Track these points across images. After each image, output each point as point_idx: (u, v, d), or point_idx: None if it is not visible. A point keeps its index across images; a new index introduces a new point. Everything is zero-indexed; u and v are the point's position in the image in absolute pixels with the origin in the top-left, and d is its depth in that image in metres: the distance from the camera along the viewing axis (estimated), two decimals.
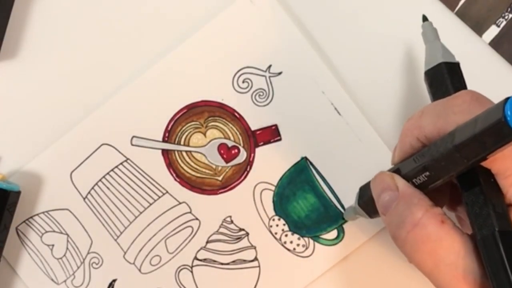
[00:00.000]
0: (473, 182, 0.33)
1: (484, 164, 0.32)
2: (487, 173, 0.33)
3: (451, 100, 0.35)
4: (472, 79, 0.47)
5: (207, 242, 0.47)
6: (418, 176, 0.35)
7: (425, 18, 0.42)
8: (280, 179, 0.47)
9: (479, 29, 0.47)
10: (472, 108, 0.33)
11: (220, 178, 0.47)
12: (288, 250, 0.46)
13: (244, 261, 0.46)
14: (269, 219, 0.47)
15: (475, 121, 0.30)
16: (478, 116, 0.30)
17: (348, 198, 0.46)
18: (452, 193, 0.38)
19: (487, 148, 0.30)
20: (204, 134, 0.47)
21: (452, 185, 0.38)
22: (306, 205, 0.46)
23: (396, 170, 0.37)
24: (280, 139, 0.47)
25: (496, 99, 0.42)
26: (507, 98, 0.28)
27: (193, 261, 0.47)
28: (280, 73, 0.47)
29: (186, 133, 0.47)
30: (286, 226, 0.47)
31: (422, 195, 0.35)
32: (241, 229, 0.47)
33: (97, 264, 0.46)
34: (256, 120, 0.47)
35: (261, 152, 0.47)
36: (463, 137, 0.31)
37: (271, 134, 0.47)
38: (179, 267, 0.47)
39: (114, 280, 0.47)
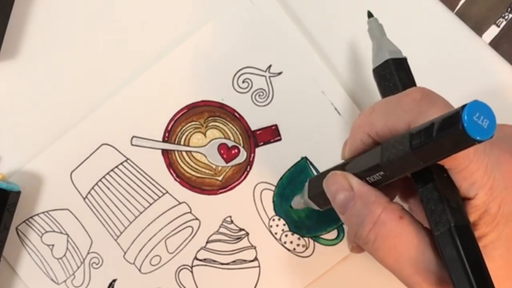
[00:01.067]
0: (427, 179, 0.33)
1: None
2: (440, 169, 0.33)
3: (401, 98, 0.35)
4: (472, 79, 0.47)
5: (207, 242, 0.47)
6: (372, 175, 0.34)
7: (370, 15, 0.42)
8: (280, 179, 0.47)
9: (479, 29, 0.47)
10: (422, 106, 0.33)
11: (220, 178, 0.47)
12: (288, 250, 0.46)
13: (244, 261, 0.46)
14: (269, 219, 0.47)
15: (432, 125, 0.30)
16: (435, 120, 0.30)
17: None
18: (404, 185, 0.38)
19: (445, 153, 0.30)
20: (204, 134, 0.47)
21: (404, 178, 0.38)
22: None
23: (348, 167, 0.37)
24: (280, 139, 0.47)
25: (496, 99, 0.42)
26: (464, 105, 0.28)
27: (193, 261, 0.47)
28: (280, 73, 0.47)
29: (186, 133, 0.47)
30: (286, 226, 0.47)
31: (378, 192, 0.35)
32: (241, 229, 0.47)
33: (97, 264, 0.46)
34: (256, 120, 0.47)
35: (261, 152, 0.47)
36: (420, 141, 0.30)
37: (271, 134, 0.47)
38: (179, 267, 0.47)
39: (114, 280, 0.47)
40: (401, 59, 0.39)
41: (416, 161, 0.31)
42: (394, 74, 0.38)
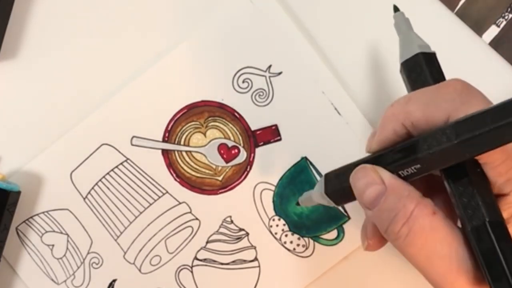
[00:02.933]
0: (460, 173, 0.32)
1: None
2: (474, 163, 0.32)
3: (441, 88, 0.34)
4: (472, 79, 0.47)
5: (207, 242, 0.47)
6: (406, 168, 0.33)
7: (396, 9, 0.41)
8: (280, 179, 0.47)
9: (479, 29, 0.47)
10: (463, 97, 0.32)
11: (220, 178, 0.47)
12: (288, 250, 0.46)
13: (244, 261, 0.46)
14: (269, 219, 0.47)
15: (484, 117, 0.29)
16: (486, 110, 0.29)
17: None
18: (427, 182, 0.37)
19: (495, 144, 0.29)
20: (204, 134, 0.47)
21: (428, 174, 0.38)
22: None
23: (376, 161, 0.35)
24: (280, 139, 0.47)
25: (496, 99, 0.42)
26: None
27: (193, 261, 0.47)
28: (280, 73, 0.47)
29: (186, 133, 0.47)
30: (286, 226, 0.47)
31: (410, 186, 0.34)
32: (241, 229, 0.47)
33: (97, 264, 0.46)
34: (256, 120, 0.47)
35: (261, 152, 0.47)
36: (469, 133, 0.30)
37: (271, 134, 0.47)
38: (179, 267, 0.47)
39: (114, 280, 0.47)
40: (431, 53, 0.38)
41: (460, 154, 0.30)
42: (424, 68, 0.38)
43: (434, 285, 0.33)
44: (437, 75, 0.38)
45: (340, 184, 0.38)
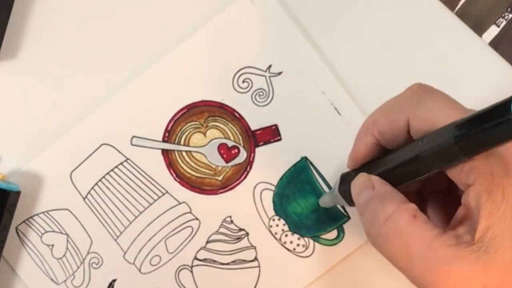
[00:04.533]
0: None
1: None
2: None
3: (400, 93, 0.36)
4: (472, 79, 0.47)
5: (207, 242, 0.47)
6: (408, 170, 0.34)
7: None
8: (280, 179, 0.47)
9: (479, 29, 0.47)
10: (419, 95, 0.34)
11: (220, 178, 0.47)
12: (288, 250, 0.46)
13: (244, 261, 0.46)
14: (269, 219, 0.47)
15: (477, 116, 0.29)
16: (479, 111, 0.29)
17: None
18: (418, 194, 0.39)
19: (490, 145, 0.29)
20: (204, 134, 0.47)
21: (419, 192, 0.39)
22: (306, 205, 0.46)
23: (372, 171, 0.37)
24: (280, 139, 0.47)
25: (496, 99, 0.42)
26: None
27: (193, 261, 0.47)
28: (280, 73, 0.47)
29: (186, 133, 0.47)
30: (286, 226, 0.47)
31: (395, 192, 0.35)
32: (241, 229, 0.47)
33: (97, 264, 0.46)
34: (256, 120, 0.47)
35: (261, 152, 0.47)
36: (464, 132, 0.30)
37: (271, 134, 0.47)
38: (179, 267, 0.47)
39: (114, 280, 0.47)
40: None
41: (457, 154, 0.31)
42: None
43: (416, 284, 0.34)
44: None
45: (349, 185, 0.39)
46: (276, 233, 0.47)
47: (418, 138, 0.34)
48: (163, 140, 0.47)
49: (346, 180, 0.40)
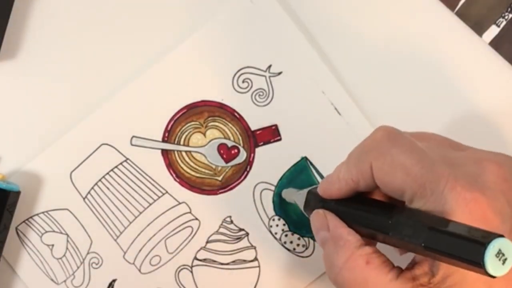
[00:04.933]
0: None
1: None
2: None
3: (365, 141, 0.36)
4: (472, 79, 0.47)
5: (207, 242, 0.47)
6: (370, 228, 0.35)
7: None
8: (280, 179, 0.47)
9: (479, 29, 0.47)
10: (382, 146, 0.34)
11: (220, 178, 0.47)
12: (288, 250, 0.46)
13: (244, 261, 0.46)
14: (269, 219, 0.47)
15: (453, 238, 0.29)
16: (457, 236, 0.29)
17: None
18: None
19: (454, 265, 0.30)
20: (204, 134, 0.47)
21: None
22: None
23: (335, 206, 0.38)
24: (280, 139, 0.47)
25: (496, 99, 0.42)
26: (489, 241, 0.27)
27: (193, 261, 0.47)
28: (280, 73, 0.47)
29: (186, 133, 0.47)
30: (286, 226, 0.47)
31: (350, 235, 0.35)
32: (241, 229, 0.47)
33: (97, 264, 0.46)
34: (256, 120, 0.47)
35: (261, 152, 0.47)
36: (435, 245, 0.30)
37: (271, 134, 0.47)
38: (179, 267, 0.47)
39: (114, 280, 0.47)
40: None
41: (424, 253, 0.31)
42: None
43: None
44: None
45: (315, 203, 0.40)
46: (276, 233, 0.47)
47: (388, 216, 0.34)
48: (163, 140, 0.47)
49: (310, 201, 0.41)
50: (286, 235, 0.46)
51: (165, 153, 0.47)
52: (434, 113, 0.47)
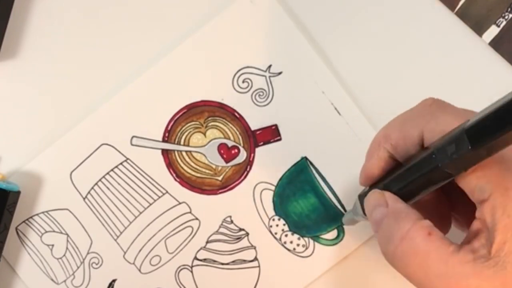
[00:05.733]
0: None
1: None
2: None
3: (414, 108, 0.36)
4: (472, 79, 0.47)
5: (207, 242, 0.47)
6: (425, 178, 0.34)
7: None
8: (280, 179, 0.47)
9: (479, 29, 0.47)
10: (433, 110, 0.34)
11: (220, 178, 0.47)
12: (288, 250, 0.46)
13: (244, 261, 0.46)
14: (269, 219, 0.47)
15: (487, 119, 0.29)
16: (491, 110, 0.29)
17: (348, 198, 0.46)
18: (441, 200, 0.39)
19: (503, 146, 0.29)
20: (204, 134, 0.47)
21: (439, 194, 0.38)
22: (306, 205, 0.46)
23: (386, 187, 0.37)
24: (280, 139, 0.47)
25: (496, 99, 0.42)
26: None
27: (193, 261, 0.47)
28: (280, 73, 0.47)
29: (186, 133, 0.47)
30: (286, 226, 0.47)
31: (409, 209, 0.35)
32: (241, 229, 0.47)
33: (97, 264, 0.46)
34: (256, 120, 0.47)
35: (261, 152, 0.47)
36: (480, 137, 0.30)
37: (271, 134, 0.47)
38: (179, 267, 0.47)
39: (114, 280, 0.47)
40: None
41: (476, 158, 0.31)
42: None
43: None
44: None
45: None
46: (276, 233, 0.47)
47: (428, 149, 0.33)
48: (163, 140, 0.47)
49: (362, 203, 0.40)
50: (286, 235, 0.46)
51: (165, 153, 0.47)
52: None
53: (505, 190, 0.32)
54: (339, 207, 0.46)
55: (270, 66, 0.47)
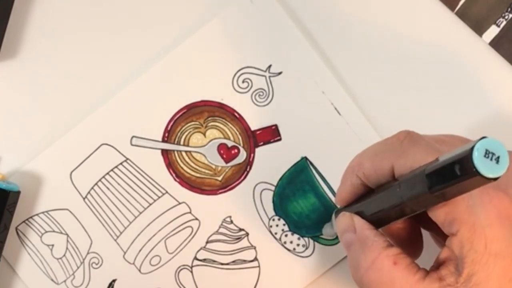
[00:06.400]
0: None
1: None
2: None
3: (387, 139, 0.36)
4: (472, 79, 0.47)
5: (207, 242, 0.47)
6: (391, 211, 0.35)
7: None
8: (280, 179, 0.47)
9: (479, 29, 0.47)
10: (404, 145, 0.34)
11: (220, 178, 0.47)
12: (288, 250, 0.46)
13: (244, 261, 0.46)
14: (269, 219, 0.47)
15: (444, 168, 0.30)
16: (444, 161, 0.30)
17: None
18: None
19: (461, 192, 0.30)
20: (204, 134, 0.47)
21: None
22: (306, 205, 0.46)
23: (358, 210, 0.38)
24: (280, 139, 0.47)
25: (496, 99, 0.42)
26: (473, 146, 0.27)
27: (193, 261, 0.47)
28: (280, 73, 0.47)
29: (186, 133, 0.47)
30: (286, 226, 0.46)
31: (377, 236, 0.35)
32: (241, 229, 0.47)
33: (97, 264, 0.46)
34: (256, 120, 0.47)
35: (261, 152, 0.47)
36: (436, 184, 0.30)
37: (271, 134, 0.47)
38: (179, 267, 0.47)
39: (114, 280, 0.47)
40: None
41: (435, 200, 0.31)
42: None
43: None
44: None
45: None
46: (276, 233, 0.47)
47: (396, 181, 0.34)
48: (163, 140, 0.47)
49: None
50: (286, 235, 0.46)
51: (165, 153, 0.47)
52: (434, 113, 0.47)
53: (472, 226, 0.32)
54: (339, 207, 0.46)
55: (270, 66, 0.47)
